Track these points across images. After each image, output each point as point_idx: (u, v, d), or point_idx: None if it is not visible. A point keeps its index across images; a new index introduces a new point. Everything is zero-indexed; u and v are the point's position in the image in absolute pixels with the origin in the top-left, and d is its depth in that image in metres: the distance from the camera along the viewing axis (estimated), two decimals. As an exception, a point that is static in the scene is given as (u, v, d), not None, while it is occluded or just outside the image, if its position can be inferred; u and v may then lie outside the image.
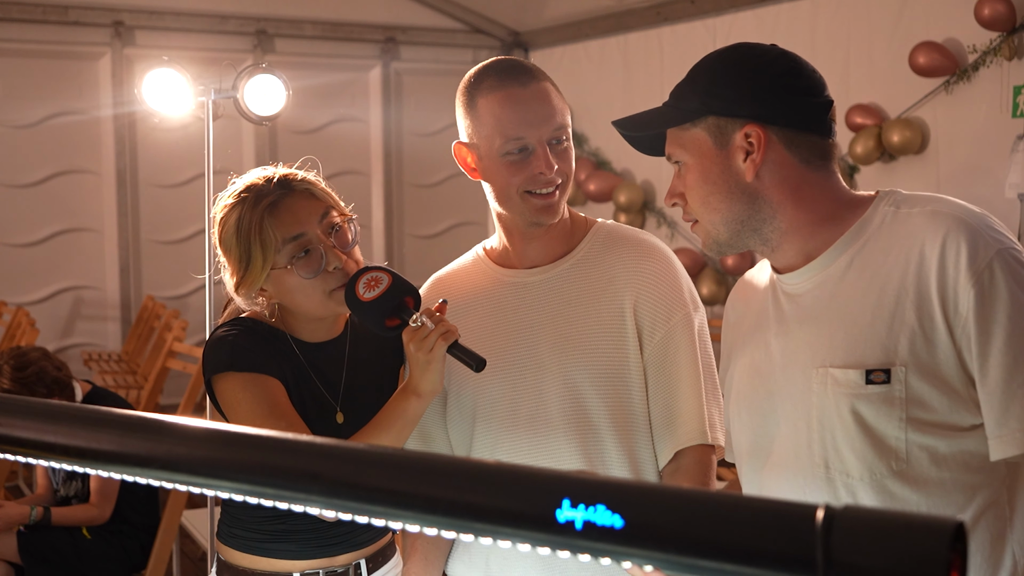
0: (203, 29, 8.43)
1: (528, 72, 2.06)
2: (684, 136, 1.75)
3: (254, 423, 2.02)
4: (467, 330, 2.14)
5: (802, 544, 0.71)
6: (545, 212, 2.06)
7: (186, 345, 6.14)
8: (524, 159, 2.03)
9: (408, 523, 0.86)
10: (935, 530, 0.69)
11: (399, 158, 9.25)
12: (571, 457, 2.05)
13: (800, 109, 1.70)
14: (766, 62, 1.72)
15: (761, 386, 1.79)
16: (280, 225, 2.06)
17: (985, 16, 5.52)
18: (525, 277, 2.14)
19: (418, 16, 9.13)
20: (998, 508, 1.63)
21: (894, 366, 1.60)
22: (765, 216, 1.72)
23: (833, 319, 1.68)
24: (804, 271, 1.74)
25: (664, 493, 0.77)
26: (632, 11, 8.06)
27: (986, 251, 1.57)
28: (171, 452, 0.92)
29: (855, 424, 1.63)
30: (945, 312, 1.58)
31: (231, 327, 2.13)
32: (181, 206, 8.40)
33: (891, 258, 1.65)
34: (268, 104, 3.31)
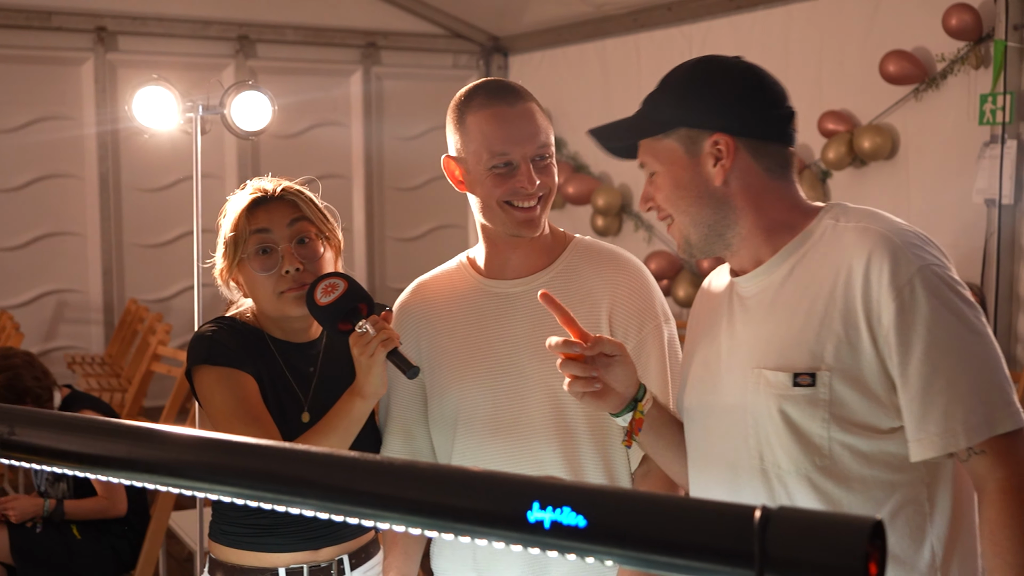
0: (186, 35, 8.49)
1: (515, 93, 2.18)
2: (656, 146, 1.86)
3: (225, 415, 2.17)
4: (449, 336, 2.24)
5: (741, 541, 0.80)
6: (526, 225, 2.16)
7: (170, 348, 6.19)
8: (509, 173, 2.13)
9: (394, 524, 0.95)
10: (855, 528, 0.78)
11: (380, 162, 9.32)
12: (551, 462, 2.15)
13: (765, 120, 1.83)
14: (733, 76, 1.84)
15: (709, 380, 1.92)
16: (253, 220, 2.25)
17: (953, 26, 5.64)
18: (507, 287, 2.24)
19: (399, 21, 9.20)
20: (917, 504, 1.75)
21: (820, 370, 1.72)
22: (729, 221, 1.84)
23: (770, 323, 1.81)
24: (752, 275, 1.86)
25: (623, 496, 0.87)
26: (610, 17, 8.16)
27: (908, 267, 1.68)
28: (161, 457, 1.01)
29: (783, 423, 1.76)
30: (869, 323, 1.70)
31: (214, 324, 2.31)
32: (164, 210, 8.45)
33: (824, 270, 1.76)
34: (254, 119, 3.40)
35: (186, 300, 8.59)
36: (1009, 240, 5.55)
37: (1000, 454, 1.66)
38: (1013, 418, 1.67)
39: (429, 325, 2.28)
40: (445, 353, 2.24)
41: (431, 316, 2.28)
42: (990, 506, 1.67)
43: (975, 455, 1.67)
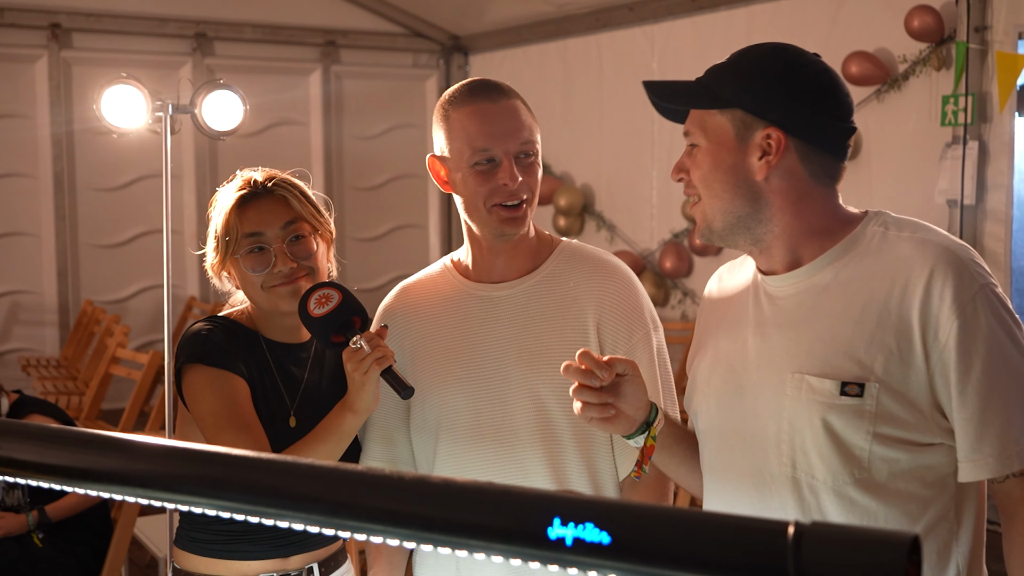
0: (142, 32, 8.38)
1: (499, 89, 2.15)
2: (708, 120, 1.78)
3: (215, 420, 2.12)
4: (432, 340, 2.20)
5: (774, 557, 0.78)
6: (511, 224, 2.12)
7: (129, 351, 6.11)
8: (491, 170, 2.09)
9: (406, 540, 0.91)
10: (894, 543, 0.76)
11: (339, 161, 9.26)
12: (535, 469, 2.11)
13: (825, 128, 1.75)
14: (808, 74, 1.76)
15: (732, 381, 1.84)
16: (244, 220, 2.21)
17: (915, 28, 5.69)
18: (492, 291, 2.20)
19: (358, 20, 9.14)
20: (947, 521, 1.72)
21: (868, 381, 1.67)
22: (763, 217, 1.77)
23: (813, 328, 1.74)
24: (789, 276, 1.79)
25: (649, 512, 0.84)
26: (572, 17, 8.15)
27: (971, 286, 1.64)
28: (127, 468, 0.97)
29: (824, 431, 1.70)
30: (924, 338, 1.65)
31: (208, 322, 2.26)
32: (120, 209, 8.35)
33: (877, 278, 1.70)
34: (224, 118, 3.34)
35: (144, 301, 8.49)
36: (971, 240, 5.60)
37: None
38: None
39: (412, 329, 2.24)
40: (427, 357, 2.21)
41: (414, 320, 2.24)
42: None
43: (1013, 478, 1.66)
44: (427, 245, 9.66)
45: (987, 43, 5.53)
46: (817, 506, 1.72)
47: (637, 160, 7.53)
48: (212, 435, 2.12)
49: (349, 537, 0.95)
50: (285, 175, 2.29)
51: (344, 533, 0.93)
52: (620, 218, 7.92)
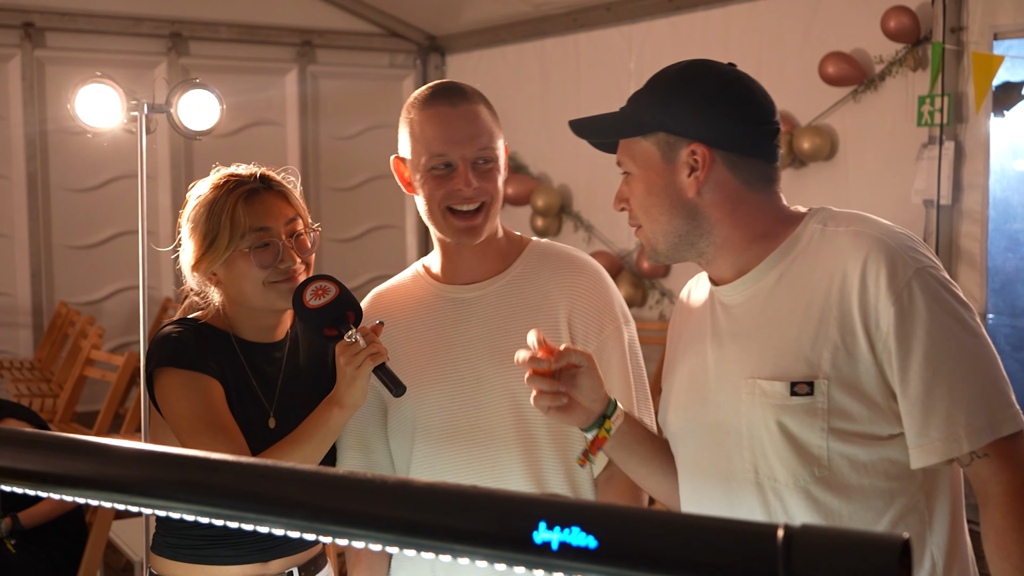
0: (116, 31, 8.32)
1: (461, 93, 2.14)
2: (634, 147, 1.82)
3: (190, 423, 2.10)
4: (407, 344, 2.20)
5: (765, 561, 0.77)
6: (466, 233, 2.12)
7: (103, 353, 6.06)
8: (448, 175, 2.10)
9: (389, 545, 0.90)
10: (885, 547, 0.75)
11: (316, 162, 9.22)
12: (511, 470, 2.10)
13: (747, 136, 1.78)
14: (721, 87, 1.78)
15: (696, 393, 1.87)
16: (251, 213, 2.18)
17: (891, 28, 5.71)
18: (463, 293, 2.21)
19: (334, 20, 9.11)
20: (916, 513, 1.72)
21: (817, 379, 1.69)
22: (703, 231, 1.80)
23: (762, 333, 1.76)
24: (737, 284, 1.82)
25: (636, 515, 0.83)
26: (549, 17, 8.14)
27: (905, 270, 1.65)
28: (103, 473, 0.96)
29: (780, 433, 1.72)
30: (867, 328, 1.67)
31: (178, 325, 2.22)
32: (95, 210, 8.28)
33: (816, 275, 1.73)
34: (200, 118, 3.31)
35: (118, 303, 8.43)
36: (947, 240, 5.62)
37: (1004, 457, 1.64)
38: (1015, 420, 1.65)
39: (387, 335, 2.22)
40: (402, 361, 2.19)
41: (389, 325, 2.23)
42: (996, 510, 1.65)
43: (978, 459, 1.65)
44: (404, 246, 9.63)
45: (963, 44, 5.56)
46: (782, 508, 1.74)
47: (614, 161, 7.48)
48: (188, 439, 2.08)
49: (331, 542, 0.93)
50: (275, 173, 2.28)
51: (325, 538, 0.92)
52: (598, 218, 7.92)
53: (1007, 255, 6.10)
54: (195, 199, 2.24)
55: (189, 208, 2.25)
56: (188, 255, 2.23)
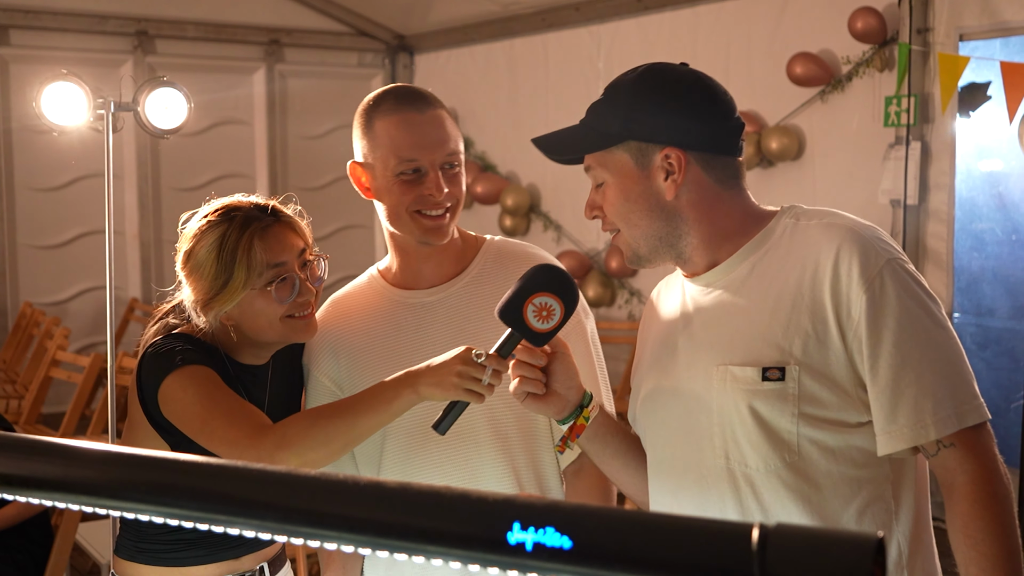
0: (81, 29, 8.24)
1: (425, 99, 2.14)
2: (605, 157, 1.83)
3: (204, 407, 2.00)
4: (368, 352, 2.19)
5: (740, 561, 0.76)
6: (434, 233, 2.12)
7: (69, 354, 6.00)
8: (417, 180, 2.09)
9: (361, 547, 0.89)
10: (859, 546, 0.75)
11: (284, 161, 9.17)
12: (483, 469, 2.11)
13: (715, 134, 1.81)
14: (683, 88, 1.80)
15: (666, 382, 1.89)
16: (267, 250, 2.09)
17: (858, 29, 5.74)
18: (422, 297, 2.20)
19: (302, 18, 9.06)
20: (883, 502, 1.75)
21: (788, 365, 1.72)
22: (680, 232, 1.83)
23: (734, 321, 1.80)
24: (709, 275, 1.85)
25: (610, 515, 0.83)
26: (517, 17, 8.14)
27: (876, 260, 1.69)
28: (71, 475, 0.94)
29: (752, 418, 1.74)
30: (838, 317, 1.70)
31: (171, 339, 2.12)
32: (60, 210, 8.21)
33: (788, 265, 1.76)
34: (167, 116, 3.28)
35: (84, 303, 8.35)
36: (914, 240, 5.66)
37: (969, 447, 1.68)
38: (979, 411, 1.69)
39: (346, 342, 2.22)
40: (366, 369, 2.17)
41: (347, 333, 2.22)
42: (963, 499, 1.67)
43: (944, 448, 1.68)
44: (373, 246, 9.60)
45: (929, 45, 5.60)
46: (753, 494, 1.76)
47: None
48: (206, 424, 1.99)
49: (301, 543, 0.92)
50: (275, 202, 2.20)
51: (297, 540, 0.91)
52: (566, 218, 7.92)
53: (972, 255, 6.16)
54: (196, 234, 2.13)
55: (189, 245, 2.13)
56: (196, 295, 2.12)
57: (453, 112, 8.94)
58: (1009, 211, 6.05)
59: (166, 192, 8.56)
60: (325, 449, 1.94)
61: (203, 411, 2.00)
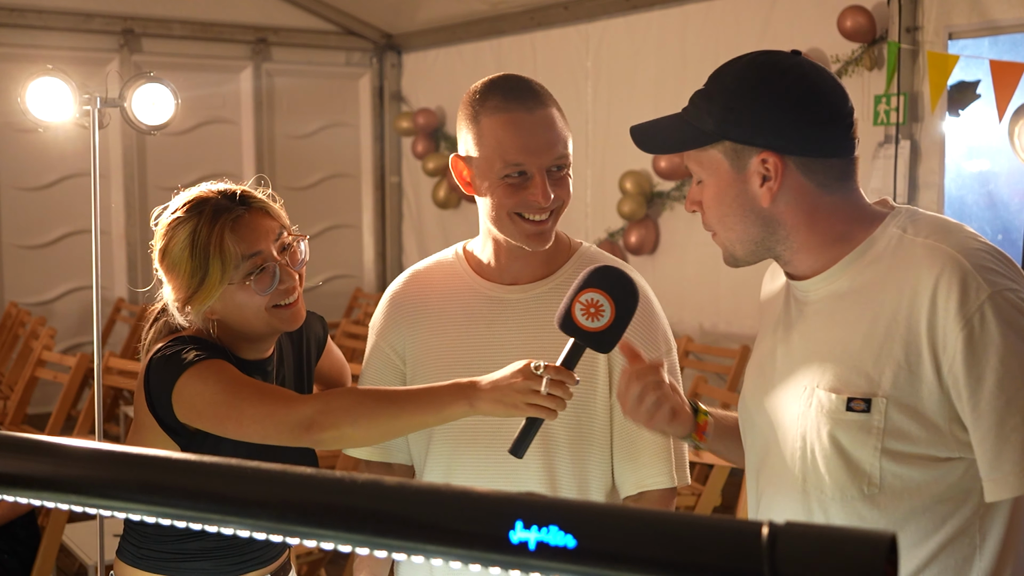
0: (67, 28, 8.19)
1: (536, 96, 2.04)
2: (701, 155, 1.73)
3: (226, 392, 1.95)
4: (436, 334, 2.12)
5: (749, 560, 0.75)
6: (536, 239, 2.04)
7: (55, 354, 5.96)
8: (522, 183, 2.01)
9: (359, 546, 0.87)
10: (872, 543, 0.73)
11: (271, 160, 9.13)
12: (528, 477, 2.04)
13: (817, 136, 1.67)
14: (785, 85, 1.67)
15: (762, 389, 1.82)
16: (241, 241, 2.03)
17: (847, 28, 5.74)
18: (503, 293, 2.12)
19: (290, 17, 9.02)
20: (969, 536, 1.65)
21: (876, 396, 1.61)
22: (779, 237, 1.72)
23: (829, 339, 1.70)
24: (811, 282, 1.74)
25: (615, 513, 0.81)
26: (506, 16, 8.12)
27: (978, 294, 1.55)
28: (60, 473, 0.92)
29: (831, 446, 1.65)
30: (934, 352, 1.58)
31: (178, 342, 2.06)
32: (46, 209, 8.16)
33: (887, 286, 1.64)
34: (155, 112, 3.24)
35: (70, 303, 8.30)
36: (903, 239, 5.65)
37: None
38: None
39: (418, 321, 2.15)
40: (430, 353, 2.12)
41: (421, 311, 2.15)
42: None
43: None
44: (361, 246, 9.57)
45: (918, 43, 5.59)
46: (825, 519, 1.68)
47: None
48: (232, 405, 1.94)
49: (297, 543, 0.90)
50: (245, 187, 2.14)
51: (292, 539, 0.89)
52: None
53: (961, 253, 6.14)
54: (167, 231, 2.08)
55: (163, 243, 2.08)
56: (175, 293, 2.07)
57: (440, 112, 8.96)
58: (999, 210, 6.05)
59: (152, 192, 8.51)
60: (365, 430, 1.90)
61: (229, 396, 1.94)
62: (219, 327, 2.10)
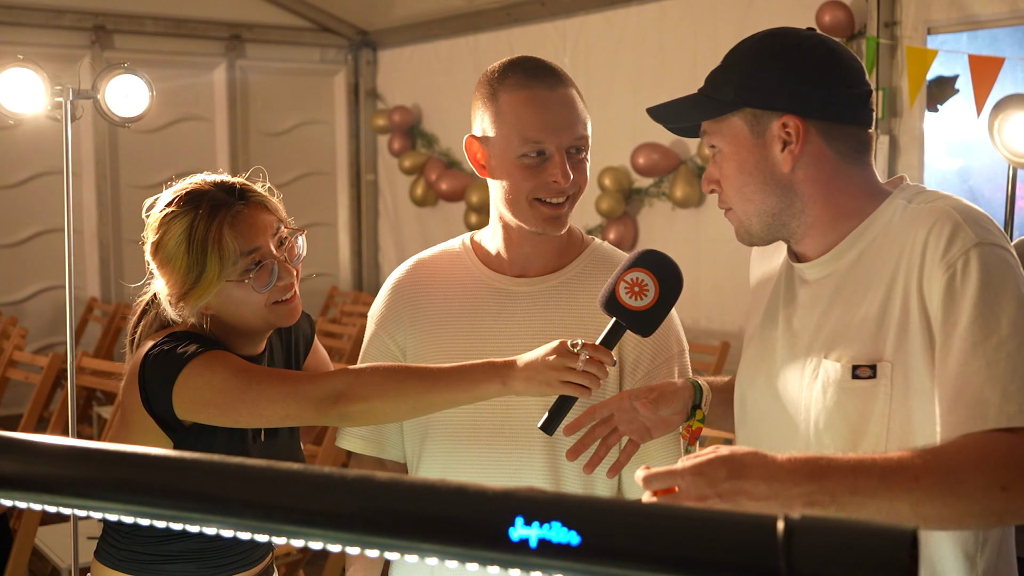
0: (38, 24, 8.08)
1: (556, 75, 2.00)
2: (720, 124, 1.73)
3: (235, 379, 1.91)
4: (440, 325, 2.07)
5: (765, 555, 0.71)
6: (552, 223, 1.99)
7: (27, 354, 5.88)
8: (539, 164, 1.96)
9: (350, 545, 0.83)
10: (894, 538, 0.70)
11: (246, 158, 9.05)
12: (530, 474, 1.99)
13: (838, 101, 1.67)
14: (803, 52, 1.68)
15: (764, 363, 1.81)
16: (239, 237, 1.98)
17: (826, 23, 5.73)
18: (511, 285, 2.07)
19: (264, 14, 8.95)
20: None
21: (881, 361, 1.60)
22: (795, 210, 1.71)
23: (834, 311, 1.69)
24: (818, 263, 1.74)
25: (621, 508, 0.77)
26: (482, 12, 8.08)
27: (965, 241, 1.54)
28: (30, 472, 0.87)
29: (839, 415, 1.64)
30: (923, 302, 1.57)
31: (174, 338, 2.01)
32: (16, 208, 8.06)
33: (890, 253, 1.64)
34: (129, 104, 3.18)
35: (42, 302, 8.21)
36: (882, 234, 5.66)
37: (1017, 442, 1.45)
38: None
39: (420, 311, 2.09)
40: (432, 343, 2.06)
41: (424, 300, 2.10)
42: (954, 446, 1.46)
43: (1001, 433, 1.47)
44: (336, 245, 9.51)
45: (896, 38, 5.59)
46: None
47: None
48: (245, 390, 1.89)
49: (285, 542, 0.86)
50: (241, 179, 2.09)
51: (279, 539, 0.85)
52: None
53: (940, 249, 6.15)
54: (161, 224, 2.02)
55: (156, 236, 2.03)
56: (169, 288, 2.02)
57: (416, 109, 8.92)
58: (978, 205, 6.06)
59: (125, 189, 8.42)
60: (394, 404, 1.86)
61: (242, 381, 1.90)
62: (213, 322, 2.05)
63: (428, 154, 8.61)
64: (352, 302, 8.27)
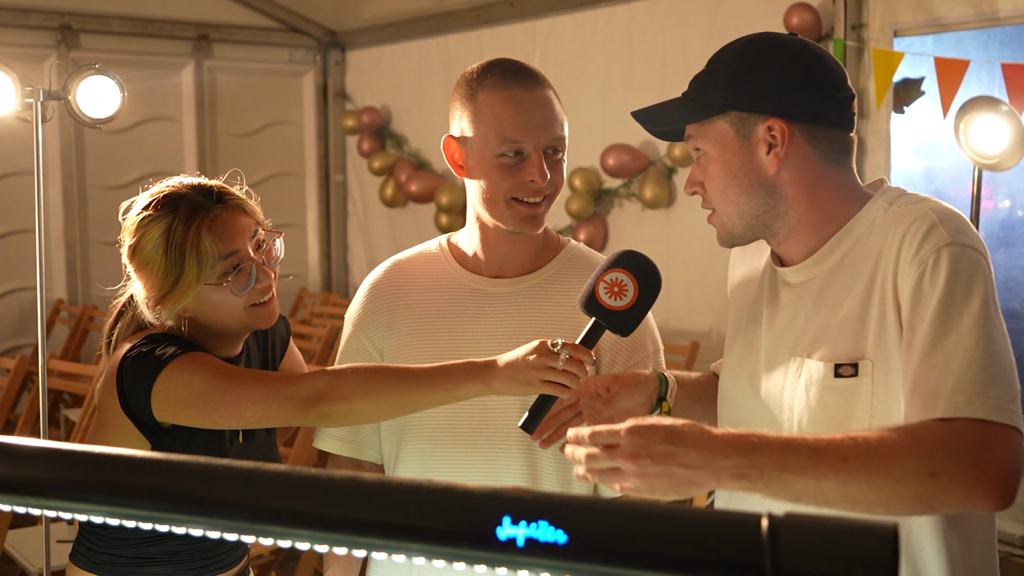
0: (2, 23, 8.01)
1: (534, 77, 2.03)
2: (706, 127, 1.74)
3: (216, 380, 1.90)
4: (417, 326, 2.08)
5: (749, 553, 0.72)
6: (530, 222, 2.02)
7: (-7, 356, 5.83)
8: (518, 164, 1.98)
9: (336, 546, 0.84)
10: (876, 534, 0.71)
11: (214, 158, 9.00)
12: (508, 474, 2.00)
13: (823, 105, 1.71)
14: (789, 56, 1.71)
15: (747, 363, 1.83)
16: (218, 240, 1.99)
17: (794, 25, 5.77)
18: (488, 286, 2.09)
19: (232, 14, 8.91)
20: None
21: (862, 359, 1.63)
22: (779, 212, 1.74)
23: (818, 313, 1.71)
24: (802, 267, 1.76)
25: (608, 507, 0.78)
26: (451, 13, 8.08)
27: (937, 240, 1.57)
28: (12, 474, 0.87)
29: (823, 414, 1.66)
30: (896, 299, 1.60)
31: (152, 340, 2.00)
32: (-18, 209, 7.98)
33: (869, 254, 1.67)
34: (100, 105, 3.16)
35: (8, 305, 8.13)
36: (849, 234, 5.70)
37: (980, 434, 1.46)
38: (1011, 415, 1.47)
39: (397, 312, 2.10)
40: (410, 344, 2.07)
41: (401, 302, 2.11)
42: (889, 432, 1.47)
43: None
44: (305, 246, 9.47)
45: (863, 41, 5.64)
46: None
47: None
48: (226, 391, 1.89)
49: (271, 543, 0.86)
50: (218, 182, 2.09)
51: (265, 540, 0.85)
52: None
53: (906, 249, 6.20)
54: (138, 227, 2.02)
55: (134, 240, 2.02)
56: (147, 291, 2.02)
57: (385, 110, 8.90)
58: (943, 206, 6.12)
59: (92, 191, 8.35)
60: (375, 404, 1.86)
61: (222, 382, 1.90)
62: (191, 324, 2.05)
63: (397, 155, 8.59)
64: (321, 303, 8.24)
